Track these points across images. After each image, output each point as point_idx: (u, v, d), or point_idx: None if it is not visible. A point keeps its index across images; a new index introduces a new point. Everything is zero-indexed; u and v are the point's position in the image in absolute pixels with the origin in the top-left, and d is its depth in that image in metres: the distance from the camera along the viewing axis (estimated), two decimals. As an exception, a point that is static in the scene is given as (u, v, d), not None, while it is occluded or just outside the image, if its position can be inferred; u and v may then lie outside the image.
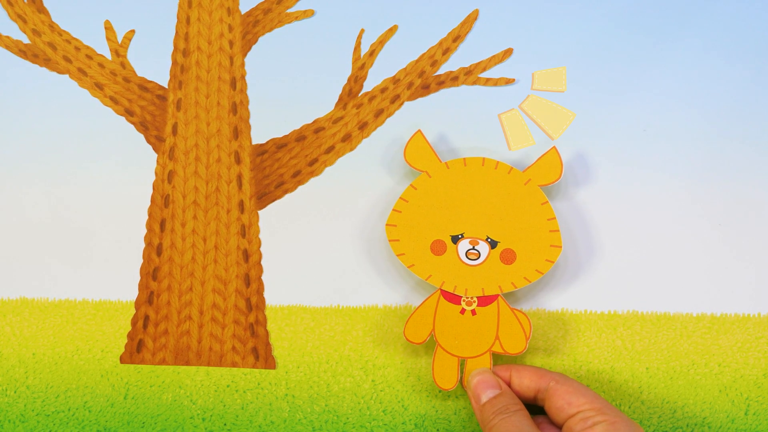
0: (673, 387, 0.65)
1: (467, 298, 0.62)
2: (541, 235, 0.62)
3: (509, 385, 0.60)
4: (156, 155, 0.68)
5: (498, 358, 0.64)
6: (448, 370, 0.62)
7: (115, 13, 0.69)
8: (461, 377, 0.62)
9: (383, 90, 0.67)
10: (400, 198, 0.63)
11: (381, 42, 0.68)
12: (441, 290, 0.62)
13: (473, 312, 0.62)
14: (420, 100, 0.67)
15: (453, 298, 0.62)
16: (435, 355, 0.62)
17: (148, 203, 0.67)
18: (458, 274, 0.62)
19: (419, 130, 0.64)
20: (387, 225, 0.63)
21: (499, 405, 0.58)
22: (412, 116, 0.67)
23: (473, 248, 0.62)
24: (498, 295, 0.62)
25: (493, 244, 0.62)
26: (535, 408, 0.61)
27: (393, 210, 0.63)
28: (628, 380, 0.65)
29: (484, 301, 0.62)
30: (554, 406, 0.58)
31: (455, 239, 0.62)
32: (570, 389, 0.58)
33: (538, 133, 0.66)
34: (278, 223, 0.67)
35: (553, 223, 0.62)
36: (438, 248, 0.62)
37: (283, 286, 0.67)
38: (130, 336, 0.67)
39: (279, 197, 0.67)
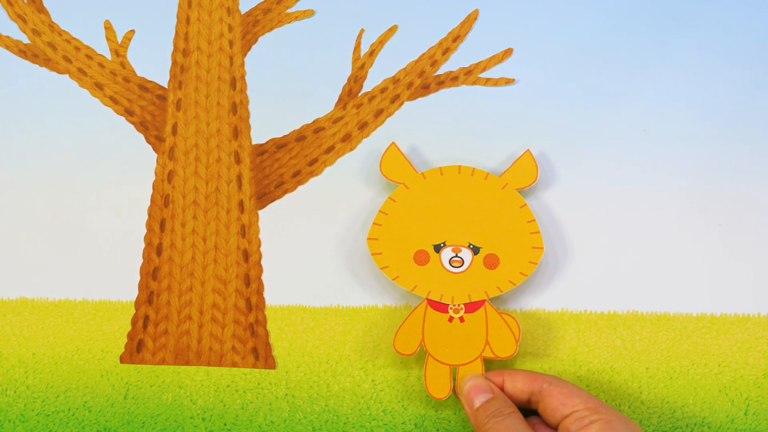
0: (672, 387, 0.65)
1: (454, 305, 0.62)
2: (522, 237, 0.62)
3: (502, 389, 0.61)
4: (156, 155, 0.68)
5: (490, 365, 0.64)
6: (441, 379, 0.62)
7: (115, 13, 0.69)
8: (454, 385, 0.62)
9: (383, 90, 0.68)
10: (380, 211, 0.63)
11: (381, 42, 0.68)
12: (427, 300, 0.62)
13: (461, 319, 0.62)
14: (420, 100, 0.67)
15: (440, 307, 0.62)
16: (426, 365, 0.62)
17: (148, 203, 0.67)
18: (443, 283, 0.62)
19: (393, 143, 0.64)
20: (368, 239, 0.63)
21: (492, 408, 0.58)
22: (412, 116, 0.67)
23: (456, 256, 0.62)
24: (485, 301, 0.62)
25: (475, 251, 0.62)
26: (528, 412, 0.61)
27: (373, 224, 0.63)
28: (627, 380, 0.65)
29: (472, 307, 0.62)
30: (549, 408, 0.58)
31: (438, 248, 0.62)
32: (564, 390, 0.58)
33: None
34: (278, 223, 0.67)
35: (533, 225, 0.62)
36: (421, 258, 0.62)
37: (283, 286, 0.67)
38: (130, 336, 0.67)
39: (279, 197, 0.67)
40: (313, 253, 0.67)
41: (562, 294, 0.65)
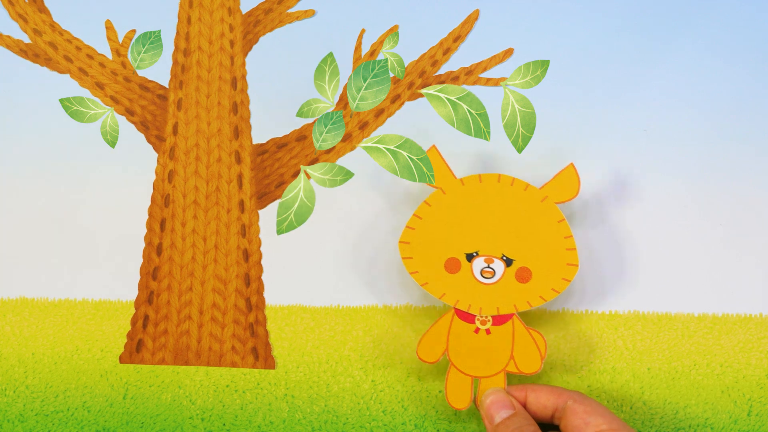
0: (675, 387, 0.64)
1: (482, 317, 0.61)
2: (558, 253, 0.60)
3: (525, 404, 0.59)
4: (156, 155, 0.68)
5: (512, 379, 0.63)
6: (462, 389, 0.61)
7: (116, 13, 0.69)
8: (475, 397, 0.61)
9: (384, 90, 0.68)
10: (414, 215, 0.61)
11: (381, 42, 0.68)
12: (455, 309, 0.61)
13: (487, 331, 0.61)
14: (420, 100, 0.67)
15: (467, 317, 0.61)
16: (448, 375, 0.61)
17: (149, 203, 0.67)
18: (473, 293, 0.61)
19: (434, 146, 0.62)
20: (400, 242, 0.61)
21: (512, 426, 0.57)
22: (413, 116, 0.67)
23: (488, 266, 0.61)
24: (513, 314, 0.61)
25: (508, 262, 0.61)
26: (548, 427, 0.60)
27: (406, 227, 0.61)
28: (629, 381, 0.64)
29: (499, 320, 0.61)
30: (570, 425, 0.57)
31: (470, 257, 0.61)
32: (588, 408, 0.57)
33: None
34: (278, 223, 0.67)
35: (569, 241, 0.60)
36: (452, 266, 0.61)
37: (283, 286, 0.67)
38: (130, 336, 0.67)
39: (279, 197, 0.67)
40: (313, 252, 0.66)
41: (562, 294, 0.65)
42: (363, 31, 0.68)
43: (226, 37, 0.68)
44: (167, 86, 0.68)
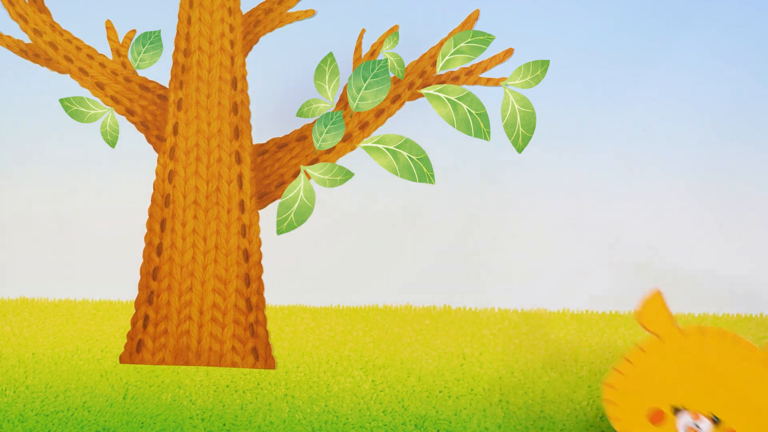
0: (674, 388, 0.64)
1: None
2: None
3: None
4: (156, 155, 0.68)
5: None
6: None
7: (116, 13, 0.69)
8: None
9: (384, 90, 0.68)
10: (625, 358, 0.59)
11: (381, 42, 0.68)
12: None
13: None
14: (421, 99, 0.67)
15: None
16: None
17: (149, 203, 0.67)
18: None
19: (659, 291, 0.59)
20: (606, 384, 0.59)
21: None
22: (413, 115, 0.67)
23: (695, 424, 0.58)
24: None
25: (716, 422, 0.58)
26: None
27: (615, 370, 0.59)
28: (629, 381, 0.64)
29: None
30: None
31: (677, 411, 0.58)
32: None
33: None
34: (278, 223, 0.67)
35: None
36: (656, 417, 0.58)
37: (283, 286, 0.67)
38: (130, 336, 0.67)
39: (279, 197, 0.67)
40: (313, 252, 0.66)
41: (563, 294, 0.65)
42: (363, 31, 0.68)
43: (226, 38, 0.68)
44: (167, 86, 0.68)
